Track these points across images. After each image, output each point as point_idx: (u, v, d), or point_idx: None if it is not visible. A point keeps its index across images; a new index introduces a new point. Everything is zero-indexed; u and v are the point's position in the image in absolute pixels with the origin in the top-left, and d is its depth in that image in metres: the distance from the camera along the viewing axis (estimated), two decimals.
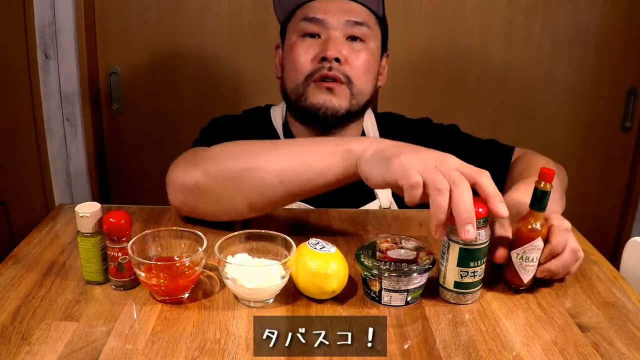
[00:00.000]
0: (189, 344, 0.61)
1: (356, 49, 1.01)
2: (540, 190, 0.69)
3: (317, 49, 0.99)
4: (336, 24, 0.99)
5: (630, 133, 1.72)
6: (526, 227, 0.70)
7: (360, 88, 1.01)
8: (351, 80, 0.99)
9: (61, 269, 0.76)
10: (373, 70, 1.04)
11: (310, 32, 1.00)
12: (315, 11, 1.00)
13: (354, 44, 1.01)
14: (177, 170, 0.85)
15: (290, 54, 1.03)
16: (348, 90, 1.00)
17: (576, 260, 0.72)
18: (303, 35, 1.01)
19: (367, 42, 1.02)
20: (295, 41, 1.02)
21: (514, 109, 1.68)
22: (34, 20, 1.45)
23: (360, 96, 1.02)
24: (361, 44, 1.01)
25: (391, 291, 0.68)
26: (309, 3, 1.02)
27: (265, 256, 0.73)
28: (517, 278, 0.72)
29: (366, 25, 1.01)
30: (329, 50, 0.97)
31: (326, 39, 0.99)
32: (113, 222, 0.69)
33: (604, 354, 0.62)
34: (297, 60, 1.01)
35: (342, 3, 1.01)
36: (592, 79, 1.66)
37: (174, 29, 1.54)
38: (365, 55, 1.01)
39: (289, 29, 1.05)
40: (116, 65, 1.57)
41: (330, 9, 1.00)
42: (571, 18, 1.60)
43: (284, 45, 1.07)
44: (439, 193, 0.63)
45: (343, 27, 1.00)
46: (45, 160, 1.58)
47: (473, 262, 0.68)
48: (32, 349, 0.59)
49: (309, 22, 1.00)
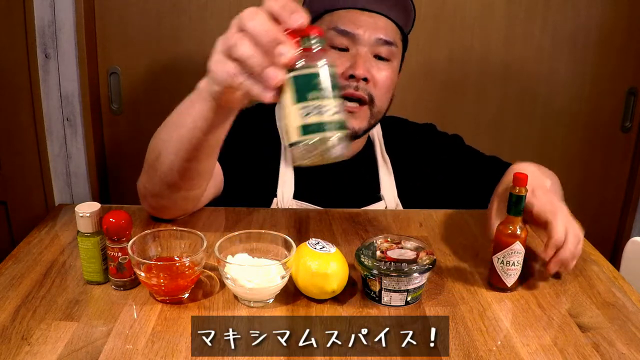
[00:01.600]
0: (189, 344, 0.61)
1: (381, 68, 0.98)
2: (515, 195, 0.70)
3: (345, 63, 0.96)
4: (367, 40, 0.96)
5: (630, 133, 1.72)
6: (505, 232, 0.71)
7: (380, 107, 1.00)
8: (373, 100, 0.98)
9: (61, 269, 0.76)
10: (393, 88, 1.03)
11: (338, 46, 0.97)
12: (347, 23, 0.97)
13: (380, 63, 0.98)
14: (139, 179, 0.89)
15: None
16: (369, 111, 0.98)
17: (579, 241, 0.73)
18: (330, 46, 0.97)
19: (391, 61, 1.00)
20: None
21: (514, 109, 1.68)
22: (34, 20, 1.45)
23: (379, 114, 1.01)
24: (386, 63, 0.99)
25: (391, 291, 0.68)
26: (339, 11, 0.99)
27: (265, 256, 0.73)
28: (500, 282, 0.73)
29: (394, 45, 0.99)
30: (358, 69, 0.94)
31: (355, 55, 0.96)
32: (113, 222, 0.69)
33: (604, 354, 0.62)
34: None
35: (374, 17, 0.98)
36: (592, 79, 1.66)
37: (174, 29, 1.54)
38: (389, 75, 0.99)
39: None
40: (116, 65, 1.57)
41: (363, 24, 0.96)
42: (571, 18, 1.60)
43: None
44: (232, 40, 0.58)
45: (372, 44, 0.97)
46: (45, 160, 1.58)
47: (314, 92, 0.54)
48: (32, 349, 0.59)
49: (339, 34, 0.96)
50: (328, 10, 1.00)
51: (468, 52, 1.61)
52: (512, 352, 0.62)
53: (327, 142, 0.55)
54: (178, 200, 0.86)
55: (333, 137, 0.55)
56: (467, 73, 1.63)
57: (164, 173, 0.80)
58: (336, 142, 0.56)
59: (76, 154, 1.58)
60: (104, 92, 1.60)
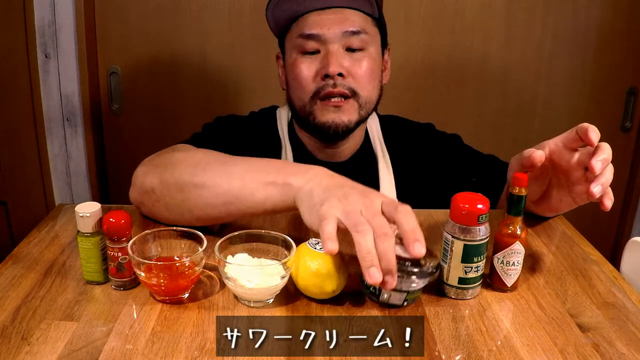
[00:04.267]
0: (189, 344, 0.61)
1: (357, 58, 0.99)
2: (516, 196, 0.70)
3: (318, 65, 0.98)
4: (333, 37, 0.97)
5: (630, 133, 1.72)
6: (505, 232, 0.71)
7: (367, 97, 1.00)
8: (357, 92, 0.98)
9: (61, 269, 0.76)
10: (377, 75, 1.03)
11: (309, 50, 0.98)
12: (311, 26, 0.98)
13: (355, 54, 0.99)
14: (142, 171, 0.86)
15: (292, 72, 1.01)
16: (356, 103, 0.99)
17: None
18: (302, 52, 0.99)
19: (367, 49, 1.00)
20: (296, 59, 1.00)
21: (514, 109, 1.68)
22: (34, 20, 1.45)
23: (369, 104, 1.01)
24: (361, 52, 0.99)
25: (391, 289, 0.68)
26: (303, 17, 1.00)
27: (265, 256, 0.73)
28: (500, 282, 0.73)
29: (364, 32, 0.99)
30: (330, 67, 0.95)
31: (326, 54, 0.97)
32: (113, 222, 0.69)
33: (604, 354, 0.62)
34: (300, 79, 0.99)
35: (337, 13, 0.98)
36: (592, 79, 1.66)
37: (174, 29, 1.54)
38: (367, 63, 0.99)
39: (287, 43, 1.04)
40: (116, 65, 1.57)
41: (326, 22, 0.97)
42: (571, 18, 1.60)
43: (285, 61, 1.05)
44: (361, 236, 0.61)
45: (341, 39, 0.97)
46: (45, 160, 1.58)
47: (476, 257, 0.69)
48: (32, 349, 0.59)
49: (305, 38, 0.98)
50: (293, 19, 1.01)
51: (468, 52, 1.61)
52: (512, 352, 0.62)
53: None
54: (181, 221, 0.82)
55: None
56: (467, 73, 1.63)
57: (195, 205, 0.79)
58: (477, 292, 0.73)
59: (76, 154, 1.58)
60: (104, 92, 1.60)
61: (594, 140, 0.72)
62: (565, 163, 0.77)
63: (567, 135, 0.77)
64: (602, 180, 0.71)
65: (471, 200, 0.68)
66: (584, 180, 0.76)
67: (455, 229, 0.69)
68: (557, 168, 0.80)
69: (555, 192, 0.83)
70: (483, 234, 0.69)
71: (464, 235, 0.68)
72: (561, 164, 0.78)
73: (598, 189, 0.71)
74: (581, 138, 0.74)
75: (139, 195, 0.86)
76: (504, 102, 1.67)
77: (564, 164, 0.78)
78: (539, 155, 0.75)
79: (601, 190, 0.71)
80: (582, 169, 0.76)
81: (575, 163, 0.76)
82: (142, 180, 0.85)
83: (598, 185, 0.71)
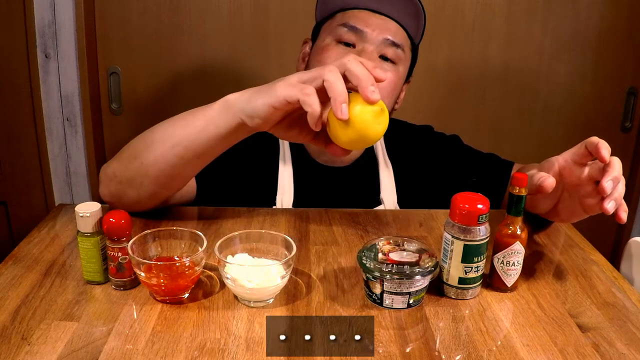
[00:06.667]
0: (189, 344, 0.61)
1: (386, 69, 0.99)
2: (516, 196, 0.70)
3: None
4: (374, 39, 0.97)
5: (630, 133, 1.72)
6: (505, 232, 0.71)
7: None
8: None
9: (61, 269, 0.76)
10: (395, 93, 1.03)
11: (346, 41, 0.98)
12: (357, 21, 0.98)
13: (385, 64, 0.99)
14: (103, 167, 0.88)
15: (319, 55, 1.00)
16: None
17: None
18: (338, 40, 0.99)
19: (397, 65, 1.00)
20: (329, 44, 1.00)
21: (514, 110, 1.68)
22: (34, 20, 1.45)
23: None
24: (391, 65, 1.00)
25: (393, 294, 0.68)
26: (352, 10, 1.00)
27: (265, 256, 0.73)
28: (500, 282, 0.73)
29: (401, 49, 1.00)
30: None
31: (360, 51, 0.97)
32: (113, 222, 0.69)
33: (604, 354, 0.62)
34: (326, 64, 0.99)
35: (385, 20, 0.99)
36: (592, 79, 1.66)
37: (174, 29, 1.54)
38: (392, 78, 1.00)
39: (324, 29, 1.03)
40: (116, 65, 1.57)
41: (372, 23, 0.98)
42: (571, 18, 1.60)
43: (315, 45, 1.04)
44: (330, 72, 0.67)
45: (379, 44, 0.98)
46: (45, 160, 1.58)
47: (477, 257, 0.69)
48: (32, 349, 0.60)
49: (348, 29, 0.98)
50: (342, 9, 1.02)
51: (468, 52, 1.61)
52: (512, 352, 0.62)
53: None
54: (146, 194, 0.85)
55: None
56: (467, 73, 1.63)
57: (149, 163, 0.80)
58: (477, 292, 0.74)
59: (76, 154, 1.58)
60: (104, 92, 1.60)
61: (606, 157, 0.71)
62: (576, 179, 0.76)
63: (577, 151, 0.76)
64: (615, 196, 0.71)
65: (471, 200, 0.68)
66: (595, 193, 0.74)
67: (455, 229, 0.69)
68: (568, 183, 0.79)
69: (567, 205, 0.82)
70: (483, 234, 0.69)
71: (464, 235, 0.69)
72: (572, 180, 0.77)
73: (611, 205, 0.70)
74: (591, 153, 0.73)
75: (105, 187, 0.88)
76: (504, 102, 1.67)
77: (575, 180, 0.77)
78: (550, 184, 0.74)
79: (614, 206, 0.71)
80: (592, 183, 0.75)
81: (586, 178, 0.75)
82: (104, 172, 0.88)
83: (611, 201, 0.70)
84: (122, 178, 0.84)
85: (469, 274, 0.70)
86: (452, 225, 0.69)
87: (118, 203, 0.88)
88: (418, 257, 0.71)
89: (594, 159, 0.73)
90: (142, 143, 0.83)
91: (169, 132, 0.80)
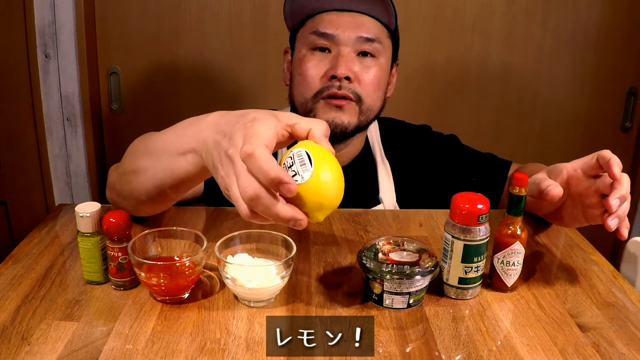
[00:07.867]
0: (189, 344, 0.61)
1: (367, 65, 0.99)
2: (516, 196, 0.70)
3: (327, 65, 0.97)
4: (347, 40, 0.97)
5: (630, 133, 1.72)
6: (505, 232, 0.71)
7: (370, 105, 1.00)
8: (361, 98, 0.98)
9: (61, 269, 0.76)
10: (382, 85, 1.03)
11: (320, 47, 0.98)
12: (326, 25, 0.98)
13: (365, 59, 0.99)
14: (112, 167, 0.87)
15: (299, 67, 1.00)
16: (357, 107, 0.98)
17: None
18: (313, 48, 0.99)
19: (378, 57, 1.00)
20: (305, 55, 1.00)
21: (514, 110, 1.68)
22: (34, 20, 1.45)
23: (370, 112, 1.01)
24: (372, 59, 0.99)
25: (393, 294, 0.68)
26: (320, 15, 1.00)
27: (265, 256, 0.73)
28: (500, 282, 0.73)
29: (377, 41, 0.99)
30: (339, 69, 0.95)
31: (336, 55, 0.97)
32: (113, 222, 0.69)
33: (604, 354, 0.62)
34: (306, 76, 0.99)
35: (354, 17, 0.99)
36: (592, 79, 1.66)
37: (174, 29, 1.54)
38: (375, 72, 0.99)
39: (299, 39, 1.03)
40: (116, 65, 1.57)
41: (342, 24, 0.97)
42: (571, 18, 1.60)
43: (294, 56, 1.05)
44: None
45: (354, 43, 0.97)
46: (45, 160, 1.58)
47: (477, 257, 0.69)
48: (32, 349, 0.59)
49: (319, 36, 0.98)
50: (309, 15, 1.01)
51: (468, 53, 1.61)
52: (512, 352, 0.62)
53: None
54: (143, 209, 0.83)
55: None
56: (467, 73, 1.63)
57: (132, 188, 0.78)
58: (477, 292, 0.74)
59: (76, 154, 1.58)
60: (104, 92, 1.60)
61: (618, 175, 0.70)
62: (583, 189, 0.76)
63: (587, 162, 0.75)
64: (619, 213, 0.70)
65: (471, 200, 0.68)
66: (599, 205, 0.74)
67: (455, 229, 0.69)
68: (574, 192, 0.78)
69: (569, 211, 0.81)
70: (483, 234, 0.69)
71: (464, 235, 0.69)
72: (578, 189, 0.77)
73: (614, 222, 0.70)
74: (602, 167, 0.72)
75: (108, 192, 0.87)
76: (504, 103, 1.67)
77: (581, 190, 0.76)
78: (557, 193, 0.72)
79: (617, 223, 0.70)
80: (598, 195, 0.74)
81: (593, 190, 0.74)
82: (109, 177, 0.87)
83: (614, 219, 0.70)
84: (120, 191, 0.83)
85: (469, 274, 0.70)
86: (452, 225, 0.69)
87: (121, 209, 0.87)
88: (418, 257, 0.71)
89: (604, 171, 0.72)
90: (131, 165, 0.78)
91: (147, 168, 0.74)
